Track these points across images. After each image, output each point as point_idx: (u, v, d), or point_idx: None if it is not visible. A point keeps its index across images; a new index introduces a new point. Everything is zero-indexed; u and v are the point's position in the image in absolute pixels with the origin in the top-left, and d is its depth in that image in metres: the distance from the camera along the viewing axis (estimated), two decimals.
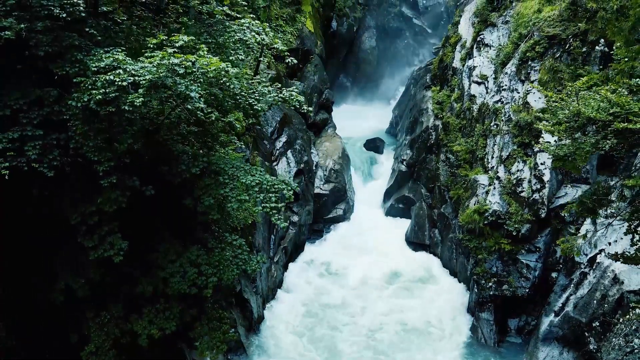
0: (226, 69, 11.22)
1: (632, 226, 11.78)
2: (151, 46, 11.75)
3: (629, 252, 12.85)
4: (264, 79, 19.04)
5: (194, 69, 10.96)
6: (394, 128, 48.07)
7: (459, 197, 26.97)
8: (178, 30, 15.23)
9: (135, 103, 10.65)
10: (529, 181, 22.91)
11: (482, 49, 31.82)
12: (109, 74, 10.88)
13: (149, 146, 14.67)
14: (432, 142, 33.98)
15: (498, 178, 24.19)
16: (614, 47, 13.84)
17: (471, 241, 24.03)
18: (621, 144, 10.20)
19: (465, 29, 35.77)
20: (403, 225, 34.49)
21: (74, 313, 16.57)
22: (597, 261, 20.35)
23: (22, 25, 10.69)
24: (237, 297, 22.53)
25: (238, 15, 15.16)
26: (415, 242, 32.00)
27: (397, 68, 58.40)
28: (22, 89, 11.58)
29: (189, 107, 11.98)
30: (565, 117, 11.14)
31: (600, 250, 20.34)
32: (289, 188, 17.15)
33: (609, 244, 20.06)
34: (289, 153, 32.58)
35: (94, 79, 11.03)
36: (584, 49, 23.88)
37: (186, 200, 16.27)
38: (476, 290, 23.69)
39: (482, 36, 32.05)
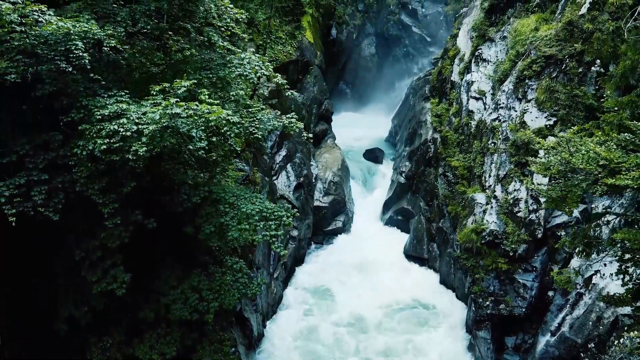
0: (227, 117, 11.49)
1: (623, 267, 12.04)
2: (154, 93, 12.02)
3: (620, 294, 13.11)
4: (263, 106, 19.30)
5: (196, 117, 11.22)
6: (393, 137, 48.37)
7: (457, 214, 27.24)
8: (180, 60, 15.49)
9: (139, 153, 10.92)
10: (526, 201, 23.17)
11: (480, 63, 32.07)
12: (113, 123, 11.15)
13: (150, 177, 14.94)
14: (430, 155, 34.26)
15: (495, 197, 24.46)
16: (604, 95, 14.08)
17: (468, 260, 24.32)
18: (610, 191, 10.48)
19: (464, 43, 36.05)
20: (402, 237, 34.79)
21: (77, 338, 16.84)
22: (592, 282, 20.63)
23: (28, 69, 10.95)
24: (237, 316, 22.77)
25: (238, 50, 15.41)
26: (413, 255, 32.28)
27: (397, 75, 58.71)
28: (28, 132, 11.86)
29: (190, 147, 12.27)
30: (557, 162, 11.41)
31: (596, 271, 20.59)
32: (289, 215, 17.40)
33: (605, 264, 20.34)
34: (288, 167, 32.84)
35: (98, 127, 11.31)
36: (580, 70, 24.10)
37: (187, 228, 16.54)
38: (474, 308, 23.96)
39: (480, 51, 32.29)
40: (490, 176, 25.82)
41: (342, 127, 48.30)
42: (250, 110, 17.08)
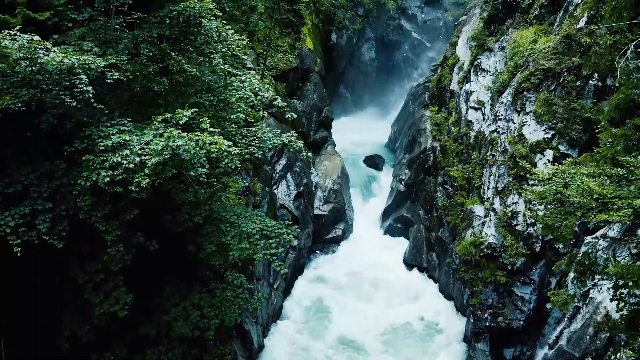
0: (228, 149, 11.67)
1: (617, 292, 12.22)
2: (156, 124, 12.20)
3: (615, 319, 13.27)
4: (264, 124, 19.47)
5: (198, 148, 11.40)
6: (392, 143, 48.50)
7: (456, 225, 27.40)
8: (182, 82, 15.64)
9: (142, 185, 11.11)
10: (524, 214, 23.34)
11: (479, 73, 32.24)
12: (116, 154, 11.33)
13: (152, 198, 15.10)
14: (430, 163, 34.42)
15: (494, 210, 24.64)
16: (598, 127, 14.26)
17: (467, 272, 24.51)
18: (603, 222, 10.66)
19: (463, 51, 36.20)
20: (401, 245, 34.95)
21: (79, 355, 17.01)
22: (590, 296, 20.81)
23: (33, 98, 11.14)
24: (238, 328, 22.97)
25: (239, 73, 15.58)
26: (413, 264, 32.46)
27: (396, 80, 58.83)
28: (32, 160, 12.04)
29: (192, 173, 12.45)
30: (552, 192, 11.60)
31: (594, 285, 20.79)
32: (289, 232, 17.56)
33: (602, 278, 20.53)
34: (288, 176, 32.99)
35: (102, 158, 11.49)
36: (578, 83, 24.28)
37: (189, 247, 16.74)
38: (472, 320, 24.16)
39: (479, 60, 32.46)
40: (488, 188, 25.99)
41: (342, 132, 48.41)
42: (251, 129, 17.25)
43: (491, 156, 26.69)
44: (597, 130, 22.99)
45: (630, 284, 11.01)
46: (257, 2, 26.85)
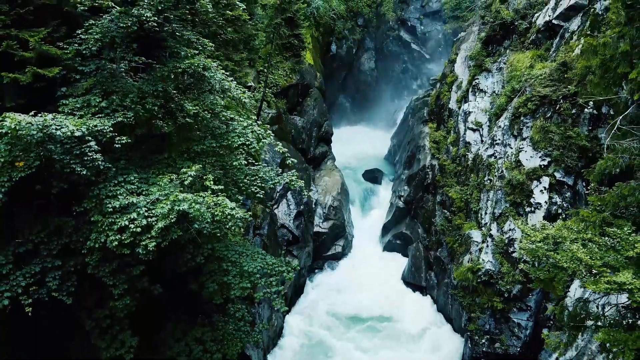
0: (232, 212, 12.07)
1: (610, 356, 12.52)
2: (161, 184, 12.60)
3: None
4: (265, 162, 19.87)
5: (202, 211, 11.80)
6: (392, 156, 48.89)
7: (454, 249, 27.82)
8: (187, 126, 16.04)
9: (149, 248, 11.53)
10: (521, 241, 23.69)
11: (477, 93, 32.65)
12: (124, 218, 11.75)
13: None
14: (428, 181, 34.80)
15: (491, 236, 25.05)
16: (588, 188, 14.68)
17: (465, 298, 24.92)
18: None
19: (461, 70, 36.60)
20: (400, 262, 35.35)
21: None
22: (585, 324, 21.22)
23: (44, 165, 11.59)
24: (240, 355, 23.34)
25: (241, 119, 15.99)
26: (411, 282, 32.87)
27: (396, 91, 59.22)
28: (42, 217, 12.46)
29: (196, 225, 12.86)
30: (543, 252, 12.00)
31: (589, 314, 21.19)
32: (289, 269, 17.97)
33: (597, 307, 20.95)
34: (288, 195, 33.36)
35: (110, 220, 11.91)
36: (574, 111, 24.65)
37: (192, 285, 17.15)
38: (470, 345, 24.58)
39: (477, 80, 32.86)
40: (486, 213, 26.40)
41: (342, 142, 48.73)
42: (252, 168, 17.65)
43: (489, 181, 27.09)
44: (591, 156, 23.74)
45: (615, 350, 11.41)
46: (258, 30, 27.19)
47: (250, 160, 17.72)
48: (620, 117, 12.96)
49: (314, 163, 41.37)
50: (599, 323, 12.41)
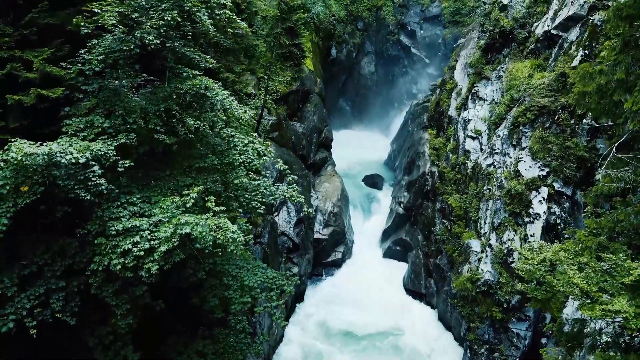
0: (234, 236, 12.22)
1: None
2: (164, 207, 12.76)
3: None
4: (267, 176, 20.03)
5: (204, 234, 11.96)
6: (392, 161, 49.05)
7: (454, 259, 27.98)
8: (188, 142, 16.19)
9: (152, 271, 11.69)
10: (519, 252, 23.86)
11: (476, 101, 32.80)
12: (127, 241, 11.91)
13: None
14: (428, 188, 34.97)
15: (490, 246, 25.20)
16: (585, 210, 14.84)
17: (464, 307, 25.10)
18: None
19: (461, 77, 36.75)
20: (400, 268, 35.52)
21: None
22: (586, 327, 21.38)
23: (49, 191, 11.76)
24: None
25: (242, 136, 16.15)
26: (412, 290, 33.04)
27: (396, 95, 59.36)
28: (46, 238, 12.62)
29: (198, 246, 13.02)
30: (541, 274, 12.17)
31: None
32: (290, 283, 18.13)
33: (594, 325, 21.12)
34: (289, 202, 33.48)
35: (113, 243, 12.08)
36: (572, 122, 24.80)
37: (193, 300, 17.32)
38: (469, 354, 24.76)
39: (476, 88, 33.02)
40: (485, 223, 26.56)
41: (342, 146, 48.76)
42: (253, 183, 17.81)
43: (488, 190, 27.25)
44: (590, 167, 23.88)
45: None
46: (259, 39, 27.34)
47: (251, 175, 17.87)
48: (616, 144, 13.12)
49: (314, 169, 41.51)
50: (596, 343, 12.58)
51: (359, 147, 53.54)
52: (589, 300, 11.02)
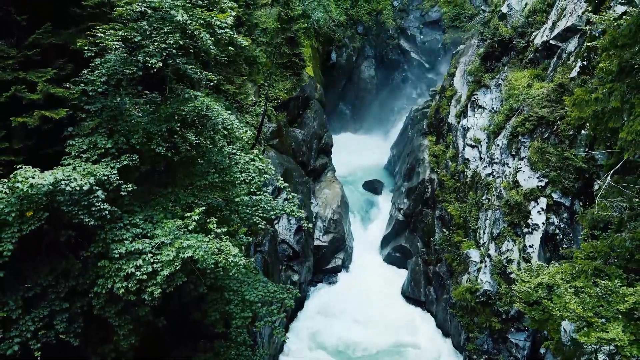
0: (235, 260, 12.40)
1: None
2: (167, 229, 12.93)
3: None
4: (268, 192, 20.20)
5: (207, 257, 12.14)
6: (392, 166, 49.23)
7: (453, 268, 28.16)
8: (190, 160, 16.36)
9: (155, 295, 11.86)
10: (518, 263, 24.08)
11: (476, 109, 32.97)
12: (130, 264, 12.08)
13: None
14: (428, 195, 35.15)
15: (489, 256, 25.38)
16: (581, 233, 15.02)
17: (463, 317, 25.28)
18: None
19: (460, 84, 36.91)
20: (400, 274, 35.70)
21: None
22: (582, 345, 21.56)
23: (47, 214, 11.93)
24: None
25: (242, 155, 16.34)
26: (411, 297, 33.20)
27: (396, 99, 59.49)
28: (49, 259, 12.79)
29: (200, 266, 13.18)
30: (536, 296, 12.35)
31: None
32: (290, 296, 18.30)
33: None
34: None
35: (116, 266, 12.25)
36: (571, 132, 24.94)
37: (194, 314, 17.49)
38: None
39: (476, 96, 33.18)
40: (484, 233, 26.73)
41: (342, 150, 48.93)
42: (254, 198, 17.99)
43: (487, 200, 27.42)
44: (588, 177, 24.03)
45: None
46: (259, 52, 27.50)
47: (252, 189, 18.03)
48: (611, 171, 13.29)
49: (314, 175, 41.69)
50: None
51: (359, 151, 53.69)
52: (585, 324, 11.20)
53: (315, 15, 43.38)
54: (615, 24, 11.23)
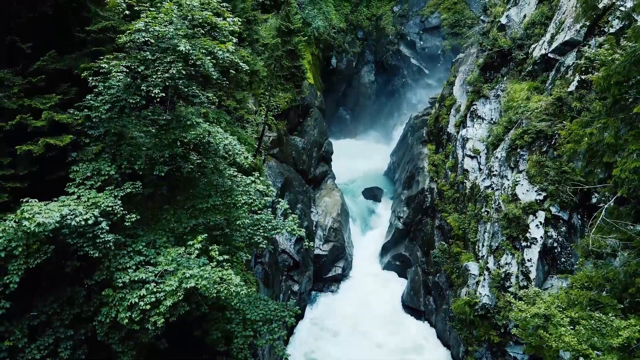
0: (237, 289, 12.60)
1: None
2: (169, 258, 13.15)
3: None
4: (268, 204, 20.42)
5: (209, 287, 12.37)
6: (392, 173, 49.45)
7: (453, 281, 28.37)
8: (192, 180, 16.58)
9: (158, 324, 12.08)
10: (517, 276, 24.29)
11: (475, 120, 33.16)
12: (134, 294, 12.30)
13: None
14: (427, 204, 35.36)
15: (488, 269, 25.59)
16: (577, 262, 15.23)
17: (462, 330, 25.50)
18: None
19: (459, 93, 37.11)
20: (399, 283, 35.99)
21: None
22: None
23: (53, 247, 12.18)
24: None
25: (244, 177, 16.57)
26: (410, 306, 33.44)
27: (395, 104, 59.75)
28: (54, 286, 13.01)
29: (202, 293, 13.41)
30: (533, 323, 12.60)
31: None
32: (291, 314, 18.51)
33: None
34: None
35: (120, 295, 12.47)
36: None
37: (195, 333, 17.72)
38: None
39: (475, 106, 33.36)
40: (483, 245, 26.94)
41: (342, 155, 49.15)
42: (255, 217, 18.21)
43: (486, 212, 27.62)
44: (587, 191, 24.23)
45: None
46: (259, 65, 27.71)
47: (254, 208, 18.24)
48: (605, 206, 13.50)
49: (314, 183, 41.92)
50: None
51: (359, 156, 53.91)
52: (580, 356, 11.43)
53: (316, 24, 43.57)
54: (610, 58, 11.45)
